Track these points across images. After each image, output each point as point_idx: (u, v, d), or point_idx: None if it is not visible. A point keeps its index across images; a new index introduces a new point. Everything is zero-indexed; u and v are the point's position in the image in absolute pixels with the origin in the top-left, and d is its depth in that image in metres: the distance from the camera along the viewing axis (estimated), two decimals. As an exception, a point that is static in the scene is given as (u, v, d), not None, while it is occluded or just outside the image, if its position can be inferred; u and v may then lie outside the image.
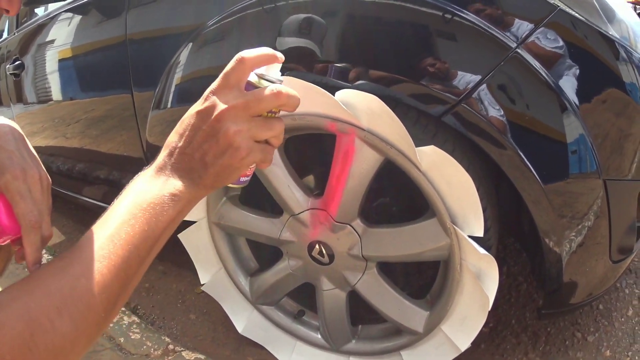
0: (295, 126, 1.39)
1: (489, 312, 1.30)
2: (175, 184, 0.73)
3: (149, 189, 0.73)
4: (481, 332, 1.79)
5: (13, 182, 0.86)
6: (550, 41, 1.15)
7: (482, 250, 1.23)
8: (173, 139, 0.75)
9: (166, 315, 2.21)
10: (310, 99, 1.26)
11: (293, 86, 1.18)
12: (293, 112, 0.77)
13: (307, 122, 1.34)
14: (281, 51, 0.75)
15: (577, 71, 1.17)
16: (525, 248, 1.84)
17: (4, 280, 1.24)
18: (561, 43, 1.15)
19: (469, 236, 1.25)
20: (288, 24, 1.36)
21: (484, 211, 1.27)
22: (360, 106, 1.22)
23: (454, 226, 1.26)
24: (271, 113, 0.74)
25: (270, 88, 0.72)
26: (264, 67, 0.75)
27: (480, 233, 1.22)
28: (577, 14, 1.15)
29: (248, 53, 0.72)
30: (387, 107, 1.16)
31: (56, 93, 2.48)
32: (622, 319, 1.77)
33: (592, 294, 1.43)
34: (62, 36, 2.34)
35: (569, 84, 1.16)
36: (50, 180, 0.93)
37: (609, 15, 1.21)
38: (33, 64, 2.66)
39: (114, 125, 2.05)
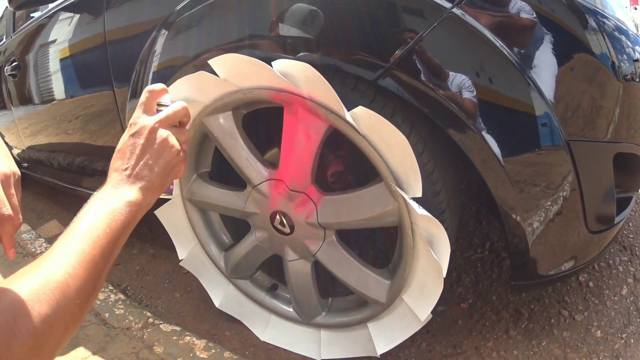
0: (247, 100, 1.44)
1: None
2: (129, 194, 0.92)
3: (108, 201, 0.89)
4: (459, 308, 1.81)
5: None
6: (492, 2, 1.16)
7: (421, 211, 1.23)
8: (117, 162, 0.96)
9: (153, 294, 2.27)
10: (253, 73, 1.32)
11: (239, 62, 1.25)
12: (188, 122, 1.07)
13: (255, 95, 1.39)
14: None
15: (529, 33, 1.16)
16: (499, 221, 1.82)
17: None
18: (508, 4, 1.15)
19: (413, 198, 1.25)
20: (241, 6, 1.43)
21: (431, 173, 1.29)
22: (297, 75, 1.25)
23: (398, 189, 1.26)
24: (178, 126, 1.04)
25: (176, 104, 1.03)
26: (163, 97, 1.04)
27: (419, 194, 1.22)
28: None
29: (152, 87, 1.02)
30: (319, 74, 1.19)
31: (53, 92, 2.59)
32: (615, 298, 1.73)
33: (571, 265, 1.39)
34: (55, 37, 2.45)
35: (520, 48, 1.15)
36: (20, 173, 1.03)
37: None
38: (30, 64, 2.79)
39: (110, 119, 2.13)
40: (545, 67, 1.15)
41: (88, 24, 2.11)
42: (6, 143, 3.63)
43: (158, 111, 1.02)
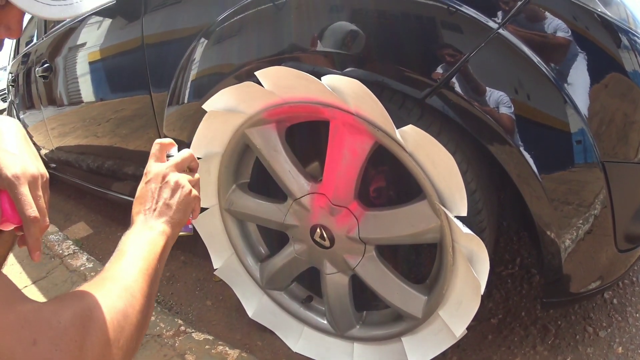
0: (292, 114, 1.46)
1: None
2: (158, 227, 1.02)
3: (143, 235, 1.00)
4: (489, 324, 1.81)
5: (14, 181, 0.98)
6: (535, 23, 1.15)
7: (465, 229, 1.23)
8: (138, 206, 1.07)
9: (184, 301, 2.29)
10: (302, 87, 1.33)
11: (287, 75, 1.26)
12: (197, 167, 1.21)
13: (302, 109, 1.41)
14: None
15: (566, 52, 1.16)
16: (532, 238, 1.82)
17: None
18: (546, 23, 1.15)
19: (457, 217, 1.25)
20: (288, 18, 1.42)
21: (474, 192, 1.30)
22: (346, 90, 1.26)
23: (442, 207, 1.27)
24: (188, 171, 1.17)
25: (184, 151, 1.16)
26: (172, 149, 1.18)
27: (464, 213, 1.23)
28: None
29: (161, 140, 1.16)
30: (368, 90, 1.20)
31: (84, 94, 2.61)
32: (637, 315, 1.74)
33: (599, 284, 1.40)
34: (87, 40, 2.46)
35: (559, 66, 1.15)
36: (48, 176, 1.10)
37: None
38: (61, 66, 2.81)
39: (142, 124, 2.15)
40: (580, 84, 1.16)
41: (123, 29, 2.12)
42: (34, 143, 3.64)
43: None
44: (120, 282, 0.89)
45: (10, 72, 4.37)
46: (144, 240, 0.99)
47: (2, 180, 0.98)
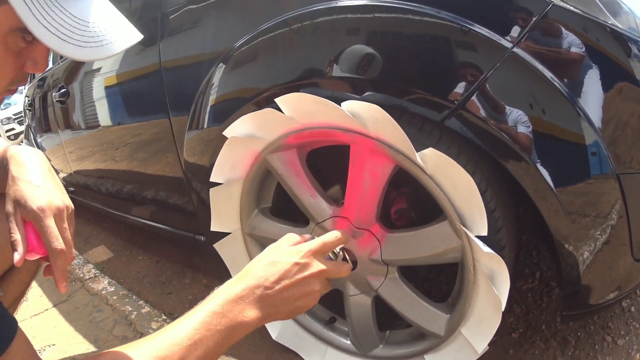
0: (313, 140, 1.49)
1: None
2: (250, 315, 1.00)
3: (226, 313, 0.98)
4: (510, 338, 1.83)
5: (40, 214, 1.01)
6: (547, 39, 1.16)
7: (486, 249, 1.25)
8: (263, 274, 1.05)
9: (207, 324, 2.29)
10: (322, 112, 1.36)
11: (306, 101, 1.28)
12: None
13: (322, 134, 1.44)
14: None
15: (578, 65, 1.17)
16: (551, 251, 1.83)
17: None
18: (559, 39, 1.16)
19: (477, 236, 1.27)
20: (305, 44, 1.45)
21: (493, 211, 1.32)
22: (365, 115, 1.29)
23: (463, 227, 1.29)
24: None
25: (344, 267, 1.23)
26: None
27: (484, 232, 1.25)
28: (573, 8, 1.15)
29: (339, 236, 1.21)
30: (388, 115, 1.22)
31: (102, 119, 2.64)
32: None
33: (617, 293, 1.41)
34: (104, 64, 2.49)
35: (571, 80, 1.16)
36: (73, 207, 1.10)
37: (614, 8, 1.18)
38: (78, 91, 2.85)
39: (161, 148, 2.17)
40: (593, 97, 1.17)
41: (139, 54, 2.15)
42: (52, 166, 3.68)
43: (328, 257, 1.19)
44: (157, 349, 0.93)
45: (27, 96, 4.42)
46: (222, 322, 0.98)
47: (27, 213, 1.01)
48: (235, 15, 1.68)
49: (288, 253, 1.10)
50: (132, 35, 0.96)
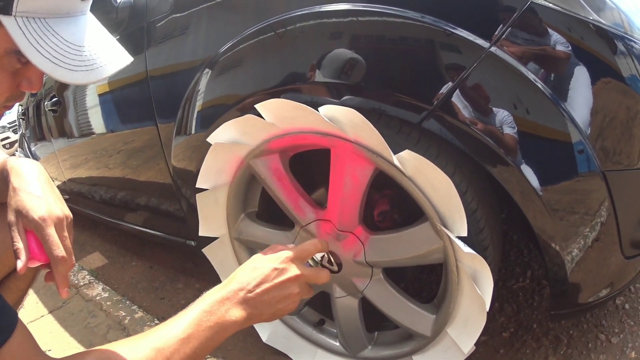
0: (294, 144, 1.50)
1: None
2: (235, 314, 1.08)
3: (214, 311, 1.07)
4: (501, 337, 1.83)
5: (41, 223, 1.05)
6: (526, 37, 1.15)
7: (467, 249, 1.26)
8: (245, 279, 1.14)
9: (199, 328, 2.30)
10: (302, 118, 1.37)
11: (285, 107, 1.29)
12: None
13: (302, 139, 1.45)
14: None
15: (560, 63, 1.15)
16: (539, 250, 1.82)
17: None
18: (538, 37, 1.15)
19: (458, 237, 1.28)
20: (288, 49, 1.46)
21: (474, 211, 1.32)
22: (343, 119, 1.29)
23: (444, 228, 1.30)
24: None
25: (322, 273, 1.26)
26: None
27: (464, 233, 1.25)
28: (552, 5, 1.13)
29: (318, 245, 1.28)
30: (364, 118, 1.23)
31: (94, 127, 2.64)
32: None
33: (609, 291, 1.40)
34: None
35: (553, 78, 1.16)
36: (72, 216, 1.15)
37: (597, 4, 1.16)
38: (70, 100, 2.85)
39: (153, 155, 2.18)
40: (577, 95, 1.16)
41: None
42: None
43: (308, 264, 1.27)
44: (154, 342, 1.00)
45: (20, 105, 4.43)
46: (211, 320, 1.06)
47: (29, 222, 1.06)
48: (219, 21, 1.68)
49: (268, 259, 1.18)
50: (122, 58, 0.99)
